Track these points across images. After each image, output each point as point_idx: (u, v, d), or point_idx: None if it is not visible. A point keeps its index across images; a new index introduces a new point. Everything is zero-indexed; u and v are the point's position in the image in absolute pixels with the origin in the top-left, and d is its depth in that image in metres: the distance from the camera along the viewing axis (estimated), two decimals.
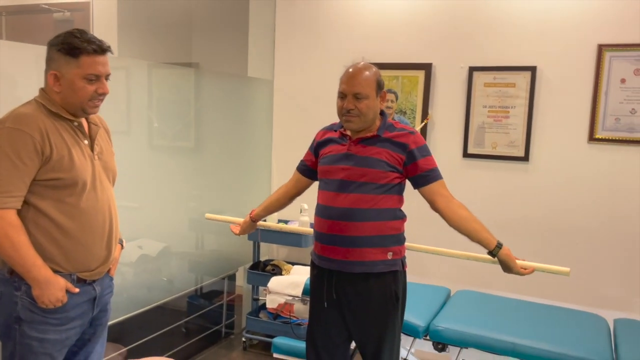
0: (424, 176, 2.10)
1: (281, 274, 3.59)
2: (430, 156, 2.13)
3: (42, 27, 3.96)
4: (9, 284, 1.76)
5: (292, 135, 3.96)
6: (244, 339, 3.64)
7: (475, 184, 3.45)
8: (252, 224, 2.52)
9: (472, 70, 3.40)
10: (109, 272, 1.96)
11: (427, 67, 3.51)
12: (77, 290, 1.81)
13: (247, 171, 3.93)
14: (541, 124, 3.29)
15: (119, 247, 2.02)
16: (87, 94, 1.76)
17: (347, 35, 3.73)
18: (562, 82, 3.23)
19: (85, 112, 1.80)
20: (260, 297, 3.71)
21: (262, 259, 3.87)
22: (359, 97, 2.05)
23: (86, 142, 1.84)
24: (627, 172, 3.13)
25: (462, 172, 3.49)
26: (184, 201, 3.40)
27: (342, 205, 2.09)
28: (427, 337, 2.69)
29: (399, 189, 2.14)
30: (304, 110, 3.90)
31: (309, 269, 2.30)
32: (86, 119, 1.88)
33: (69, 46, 1.72)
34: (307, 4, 3.84)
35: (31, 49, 2.27)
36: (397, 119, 3.59)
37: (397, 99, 3.61)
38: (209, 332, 3.71)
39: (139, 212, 2.92)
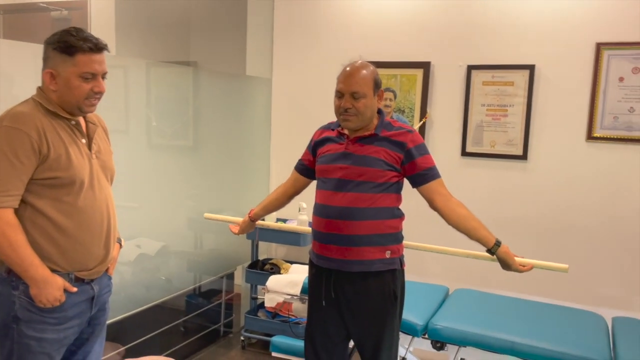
0: (422, 175, 2.10)
1: (280, 273, 3.58)
2: (428, 155, 2.12)
3: (40, 26, 3.96)
4: (6, 283, 1.75)
5: (290, 133, 3.96)
6: (242, 338, 3.64)
7: (473, 183, 3.45)
8: (251, 224, 2.52)
9: (470, 68, 3.40)
10: (107, 271, 1.95)
11: (425, 66, 3.51)
12: (75, 289, 1.80)
13: (245, 170, 3.93)
14: (539, 122, 3.29)
15: (117, 246, 2.01)
16: (83, 92, 1.75)
17: (345, 33, 3.73)
18: (561, 81, 3.23)
19: (81, 110, 1.80)
20: (258, 296, 3.70)
21: (260, 257, 3.86)
22: (357, 96, 2.05)
23: (84, 140, 1.83)
24: (625, 170, 3.13)
25: (460, 171, 3.49)
26: (182, 200, 3.40)
27: (340, 204, 2.09)
28: (426, 336, 2.69)
29: (397, 187, 2.13)
30: (302, 108, 3.90)
31: (307, 267, 2.30)
32: (84, 117, 1.87)
33: (65, 44, 1.71)
34: (305, 3, 3.83)
35: (29, 47, 2.26)
36: (396, 117, 3.59)
37: (395, 98, 3.61)
38: (207, 331, 3.70)
39: (137, 211, 2.92)
